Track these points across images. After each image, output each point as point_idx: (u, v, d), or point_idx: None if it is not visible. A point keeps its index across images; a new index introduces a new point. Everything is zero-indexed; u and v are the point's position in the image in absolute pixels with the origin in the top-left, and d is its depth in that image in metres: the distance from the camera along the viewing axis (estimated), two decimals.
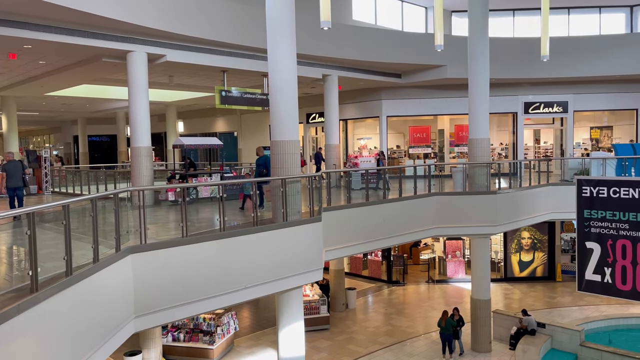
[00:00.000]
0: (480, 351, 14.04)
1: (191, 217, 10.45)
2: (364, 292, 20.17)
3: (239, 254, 8.27)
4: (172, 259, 7.41)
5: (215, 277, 7.91)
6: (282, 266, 8.83)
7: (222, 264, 8.02)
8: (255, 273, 8.42)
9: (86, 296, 5.77)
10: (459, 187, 14.85)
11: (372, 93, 23.01)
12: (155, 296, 7.16)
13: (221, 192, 8.45)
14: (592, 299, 17.20)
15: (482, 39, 14.32)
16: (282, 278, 8.84)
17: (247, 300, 8.66)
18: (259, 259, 8.52)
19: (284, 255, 8.90)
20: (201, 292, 7.69)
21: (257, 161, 12.30)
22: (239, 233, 8.33)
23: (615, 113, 24.69)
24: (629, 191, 10.88)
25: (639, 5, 24.54)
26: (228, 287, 8.06)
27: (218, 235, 8.04)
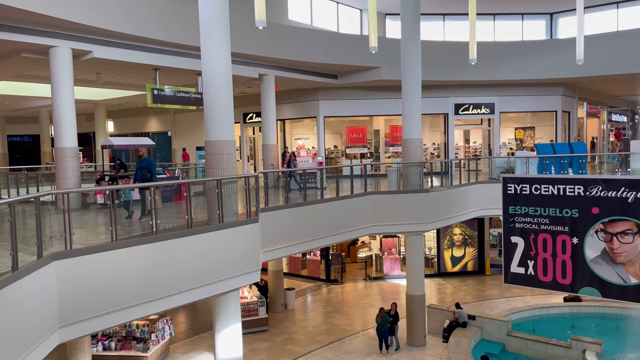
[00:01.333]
0: (415, 345, 14.45)
1: (122, 221, 10.03)
2: (303, 291, 20.22)
3: (173, 258, 8.02)
4: (101, 265, 7.07)
5: (148, 281, 7.63)
6: (218, 269, 8.66)
7: (155, 268, 7.75)
8: (190, 276, 8.20)
9: (4, 306, 5.37)
10: (393, 186, 15.21)
11: (309, 93, 23.11)
12: (82, 304, 6.80)
13: (153, 195, 8.16)
14: (518, 290, 18.16)
15: (414, 42, 14.74)
16: (218, 281, 8.67)
17: (182, 304, 8.42)
18: (194, 262, 8.31)
19: (220, 257, 8.74)
20: (133, 298, 7.39)
21: (140, 163, 11.10)
22: (173, 236, 8.08)
23: (537, 114, 26.25)
24: (549, 188, 11.58)
25: (558, 13, 26.23)
26: (162, 292, 7.80)
27: (150, 239, 7.76)
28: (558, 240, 11.54)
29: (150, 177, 10.74)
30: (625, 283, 10.90)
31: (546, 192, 11.62)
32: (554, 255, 11.63)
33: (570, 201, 11.32)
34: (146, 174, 10.81)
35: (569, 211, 11.36)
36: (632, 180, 10.77)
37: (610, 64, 21.41)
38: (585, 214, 11.19)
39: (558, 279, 11.66)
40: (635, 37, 21.36)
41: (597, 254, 11.14)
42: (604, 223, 10.97)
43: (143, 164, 10.98)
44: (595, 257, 11.15)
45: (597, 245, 11.11)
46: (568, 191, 11.33)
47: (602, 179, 11.16)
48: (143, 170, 10.87)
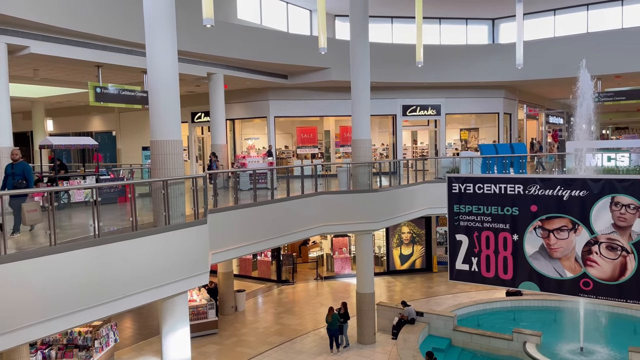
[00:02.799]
0: (365, 343, 14.64)
1: (62, 224, 9.61)
2: (253, 293, 20.06)
3: (117, 261, 7.74)
4: (38, 270, 6.72)
5: (90, 287, 7.33)
6: (164, 271, 8.45)
7: (97, 273, 7.45)
8: (135, 280, 7.95)
9: None
10: (344, 186, 15.34)
11: (259, 93, 22.96)
12: (16, 312, 6.44)
13: (95, 196, 7.86)
14: (464, 286, 18.74)
15: (363, 44, 14.92)
16: (165, 284, 8.45)
17: (127, 309, 8.15)
18: (139, 265, 8.06)
19: (167, 260, 8.52)
20: (73, 305, 7.07)
21: (9, 169, 9.16)
22: (116, 239, 7.80)
23: (480, 116, 27.23)
24: (491, 187, 12.04)
25: (500, 19, 27.29)
26: (105, 297, 7.51)
27: (92, 242, 7.46)
28: (500, 237, 12.02)
29: (27, 185, 9.01)
30: (561, 277, 11.49)
31: (489, 191, 12.08)
32: (496, 251, 12.10)
33: (511, 199, 11.82)
34: (21, 181, 9.00)
35: (510, 209, 11.85)
36: (567, 179, 11.37)
37: (548, 69, 22.51)
38: (524, 211, 11.71)
39: (500, 275, 12.15)
40: (570, 43, 22.56)
41: (536, 250, 11.68)
42: (541, 220, 11.52)
43: (17, 169, 9.07)
44: (534, 253, 11.69)
45: (536, 242, 11.65)
46: (509, 190, 11.82)
47: (539, 178, 11.72)
48: (16, 177, 8.99)
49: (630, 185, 10.62)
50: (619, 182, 10.77)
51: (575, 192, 11.08)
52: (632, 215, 10.59)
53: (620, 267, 10.82)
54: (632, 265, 10.70)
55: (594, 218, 10.93)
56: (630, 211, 10.60)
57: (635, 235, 10.60)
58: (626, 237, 10.70)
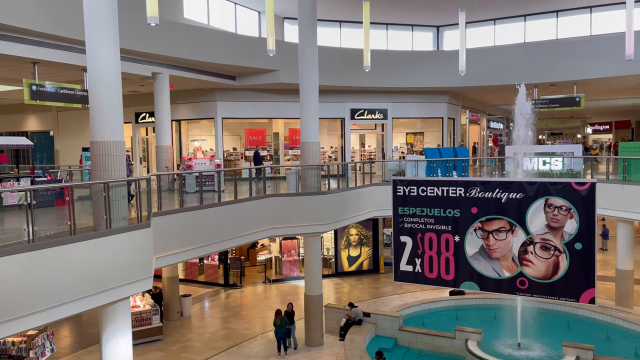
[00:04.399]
0: (313, 345, 14.69)
1: None
2: (200, 297, 19.69)
3: (53, 267, 7.40)
4: None
5: (24, 294, 6.96)
6: (105, 277, 8.15)
7: (32, 279, 7.09)
8: (74, 286, 7.62)
9: None
10: (292, 189, 15.35)
11: (206, 94, 22.60)
12: None
13: (30, 199, 7.49)
14: (410, 286, 19.19)
15: (311, 47, 15.01)
16: (106, 290, 8.15)
17: (64, 317, 7.80)
18: (78, 271, 7.73)
19: (108, 265, 8.23)
20: (6, 313, 6.70)
21: None
22: (53, 244, 7.46)
23: (425, 120, 28.00)
24: (434, 190, 12.42)
25: (444, 26, 28.17)
26: (40, 305, 7.16)
27: (26, 248, 7.10)
28: (442, 239, 12.41)
29: None
30: (499, 277, 11.99)
31: (432, 193, 12.45)
32: (439, 252, 12.48)
33: (453, 202, 12.24)
34: None
35: (452, 211, 12.26)
36: (505, 182, 11.90)
37: (489, 75, 23.44)
38: (465, 213, 12.15)
39: (442, 275, 12.54)
40: (509, 51, 23.61)
41: (476, 251, 12.14)
42: (481, 222, 11.99)
43: None
44: (474, 254, 12.14)
45: (476, 243, 12.11)
46: (451, 193, 12.22)
47: (479, 181, 12.19)
48: None
49: (562, 188, 11.24)
50: (552, 185, 11.38)
51: (512, 195, 11.60)
52: (564, 216, 11.21)
53: (553, 266, 11.42)
54: (564, 264, 11.32)
55: (530, 219, 11.49)
56: (563, 212, 11.22)
57: (567, 235, 11.22)
58: (559, 237, 11.31)
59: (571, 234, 11.20)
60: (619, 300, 16.27)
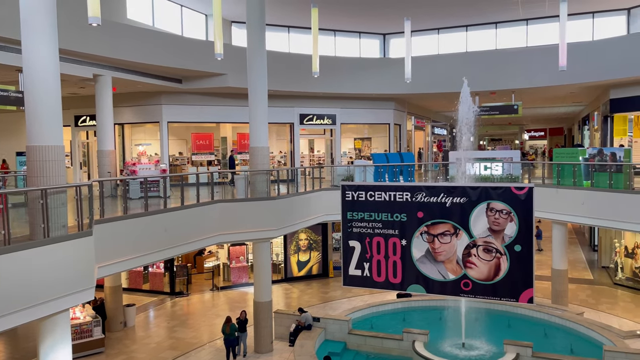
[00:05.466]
0: (262, 352, 14.56)
1: None
2: (144, 307, 19.07)
3: None
4: None
5: None
6: (43, 289, 7.74)
7: None
8: (8, 299, 7.19)
9: None
10: (241, 194, 15.19)
11: (151, 97, 21.99)
12: None
13: None
14: (358, 290, 19.35)
15: (260, 51, 14.93)
16: (43, 302, 7.75)
17: None
18: (13, 283, 7.30)
19: (46, 275, 7.83)
20: None
21: None
22: None
23: (373, 126, 28.48)
24: (381, 194, 12.65)
25: (390, 34, 28.80)
26: None
27: None
28: (390, 243, 12.64)
29: None
30: (444, 279, 12.34)
31: (379, 198, 12.66)
32: (387, 256, 12.70)
33: (400, 206, 12.50)
34: None
35: (399, 215, 12.52)
36: (449, 187, 12.28)
37: (433, 83, 24.16)
38: (412, 217, 12.44)
39: (390, 279, 12.76)
40: (452, 60, 24.43)
41: (422, 254, 12.45)
42: (427, 226, 12.31)
43: None
44: (421, 257, 12.45)
45: (422, 246, 12.42)
46: (398, 197, 12.48)
47: (425, 186, 12.52)
48: None
49: (503, 193, 11.73)
50: (493, 190, 11.85)
51: (456, 199, 11.99)
52: (504, 219, 11.70)
53: (495, 267, 11.89)
54: (504, 266, 11.80)
55: (473, 223, 11.91)
56: (503, 216, 11.70)
57: (507, 238, 11.71)
58: (500, 240, 11.79)
59: (511, 236, 11.69)
60: (555, 299, 17.13)
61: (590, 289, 19.90)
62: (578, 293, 19.14)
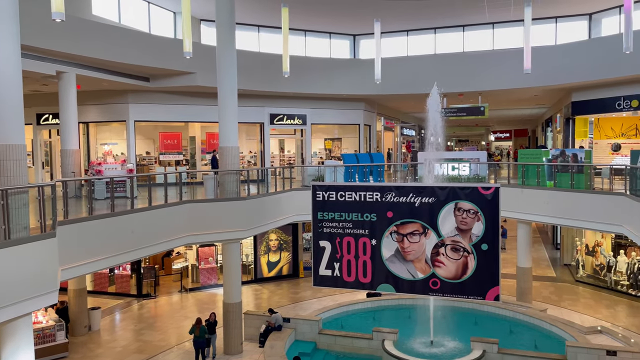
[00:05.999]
0: (232, 353, 14.43)
1: None
2: (110, 310, 18.65)
3: None
4: None
5: None
6: (4, 292, 7.47)
7: None
8: None
9: None
10: (210, 194, 15.02)
11: (118, 95, 21.52)
12: None
13: None
14: (329, 290, 19.41)
15: (229, 50, 14.80)
16: (4, 306, 7.48)
17: None
18: None
19: (6, 279, 7.55)
20: None
21: None
22: None
23: (343, 127, 28.61)
24: (352, 195, 12.72)
25: (360, 35, 28.98)
26: None
27: None
28: (360, 243, 12.72)
29: None
30: (413, 278, 12.50)
31: (350, 198, 12.73)
32: (357, 256, 12.78)
33: (370, 206, 12.60)
34: None
35: (369, 215, 12.62)
36: (418, 187, 12.44)
37: (402, 84, 24.43)
38: (381, 217, 12.55)
39: (360, 279, 12.85)
40: (421, 62, 24.77)
41: (392, 253, 12.58)
42: (396, 225, 12.45)
43: None
44: (390, 256, 12.58)
45: (391, 246, 12.55)
46: (368, 197, 12.58)
47: (394, 186, 12.65)
48: None
49: (470, 193, 11.96)
50: (461, 190, 12.07)
51: (425, 199, 12.16)
52: (472, 219, 11.93)
53: (462, 266, 12.11)
54: (472, 264, 12.03)
55: (441, 222, 12.11)
56: (471, 215, 11.93)
57: (474, 237, 11.95)
58: (467, 239, 12.02)
59: (478, 235, 11.93)
60: (520, 296, 17.57)
61: (553, 286, 20.49)
62: (541, 290, 19.68)
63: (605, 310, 17.42)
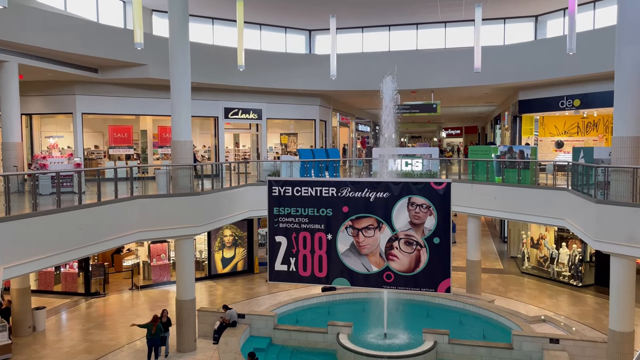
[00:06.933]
0: (185, 351, 14.19)
1: None
2: (56, 309, 17.93)
3: None
4: None
5: None
6: None
7: None
8: None
9: None
10: (163, 189, 14.69)
11: (64, 86, 20.63)
12: None
13: None
14: (284, 285, 19.42)
15: (183, 42, 14.46)
16: None
17: None
18: None
19: None
20: None
21: None
22: None
23: (299, 122, 28.60)
24: (308, 190, 12.74)
25: (316, 31, 28.98)
26: None
27: None
28: (316, 237, 12.78)
29: None
30: (368, 272, 12.68)
31: (306, 193, 12.75)
32: (312, 251, 12.84)
33: (326, 201, 12.66)
34: None
35: (325, 210, 12.69)
36: (373, 182, 12.61)
37: (357, 81, 24.63)
38: (337, 212, 12.64)
39: (316, 273, 12.91)
40: (376, 58, 25.04)
41: (347, 248, 12.70)
42: (352, 220, 12.57)
43: None
44: (346, 251, 12.70)
45: (347, 240, 12.67)
46: (324, 192, 12.64)
47: (350, 181, 12.77)
48: None
49: (423, 188, 12.22)
50: (414, 185, 12.32)
51: (379, 194, 12.34)
52: (424, 213, 12.20)
53: (415, 259, 12.38)
54: (424, 257, 12.32)
55: (395, 217, 12.32)
56: (423, 210, 12.20)
57: (427, 231, 12.23)
58: (420, 232, 12.29)
59: (430, 229, 12.22)
60: (469, 288, 18.15)
61: (501, 277, 21.29)
62: (490, 282, 20.41)
63: (549, 300, 18.26)
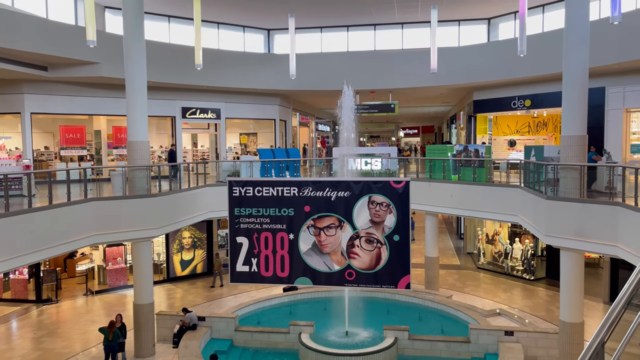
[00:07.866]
0: (144, 356, 13.85)
1: None
2: (5, 317, 17.16)
3: None
4: None
5: None
6: None
7: None
8: None
9: None
10: (118, 191, 14.28)
11: (11, 85, 19.75)
12: None
13: None
14: (245, 286, 19.25)
15: (138, 40, 14.11)
16: None
17: None
18: None
19: None
20: None
21: None
22: None
23: (259, 121, 28.41)
24: (269, 190, 12.69)
25: (275, 30, 28.85)
26: None
27: None
28: (277, 237, 12.74)
29: None
30: (330, 270, 12.74)
31: (267, 193, 12.70)
32: (274, 251, 12.79)
33: (287, 201, 12.65)
34: None
35: (287, 210, 12.67)
36: (334, 182, 12.68)
37: (316, 81, 24.71)
38: (299, 212, 12.65)
39: (278, 273, 12.88)
40: (335, 59, 25.20)
41: (309, 247, 12.73)
42: (313, 219, 12.61)
43: None
44: (308, 250, 12.72)
45: (309, 239, 12.70)
46: (285, 192, 12.62)
47: (312, 181, 12.80)
48: None
49: (382, 187, 12.39)
50: (374, 184, 12.48)
51: (340, 193, 12.43)
52: (384, 211, 12.37)
53: (376, 257, 12.53)
54: (385, 255, 12.49)
55: (356, 215, 12.44)
56: (383, 208, 12.37)
57: (387, 229, 12.40)
58: (380, 230, 12.45)
59: (390, 227, 12.41)
60: (428, 284, 18.53)
61: (458, 273, 21.84)
62: (447, 278, 20.90)
63: (503, 294, 18.87)
